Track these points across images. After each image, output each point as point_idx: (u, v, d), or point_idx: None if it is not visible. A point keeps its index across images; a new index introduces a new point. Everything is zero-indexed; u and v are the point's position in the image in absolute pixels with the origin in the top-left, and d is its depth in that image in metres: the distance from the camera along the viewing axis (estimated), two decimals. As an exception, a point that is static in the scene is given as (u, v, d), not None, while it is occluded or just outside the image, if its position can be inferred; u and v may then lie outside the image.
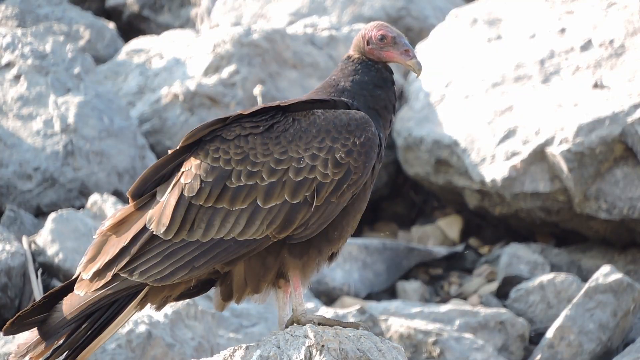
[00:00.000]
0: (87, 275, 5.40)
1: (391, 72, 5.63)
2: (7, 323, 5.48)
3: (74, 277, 5.51)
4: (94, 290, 5.35)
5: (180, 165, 5.48)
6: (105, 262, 5.38)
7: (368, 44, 5.58)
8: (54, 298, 5.47)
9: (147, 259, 5.34)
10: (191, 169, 5.41)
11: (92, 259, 5.44)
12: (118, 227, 5.46)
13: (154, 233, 5.36)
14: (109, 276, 5.34)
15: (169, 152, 5.56)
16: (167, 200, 5.39)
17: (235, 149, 5.40)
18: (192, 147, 5.49)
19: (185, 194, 5.37)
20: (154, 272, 5.32)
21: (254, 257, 5.37)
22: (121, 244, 5.39)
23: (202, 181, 5.36)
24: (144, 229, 5.38)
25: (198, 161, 5.41)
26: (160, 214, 5.37)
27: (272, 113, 5.50)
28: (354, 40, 5.64)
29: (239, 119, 5.50)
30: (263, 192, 5.33)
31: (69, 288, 5.49)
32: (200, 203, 5.35)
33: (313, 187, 5.32)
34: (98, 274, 5.39)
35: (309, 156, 5.35)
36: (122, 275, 5.35)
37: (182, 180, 5.40)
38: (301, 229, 5.32)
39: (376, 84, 5.57)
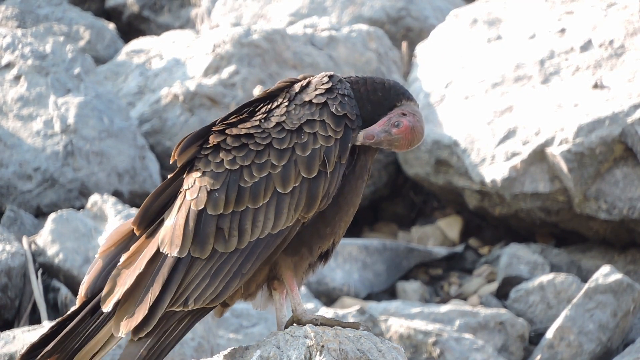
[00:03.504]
0: (107, 308, 5.32)
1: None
2: (19, 356, 5.42)
3: (78, 306, 5.43)
4: (147, 334, 5.26)
5: (179, 186, 5.43)
6: (123, 292, 5.28)
7: (393, 122, 5.41)
8: (62, 326, 5.41)
9: (196, 285, 5.24)
10: (195, 183, 5.35)
11: (109, 293, 5.32)
12: (130, 259, 5.37)
13: (173, 255, 5.27)
14: (144, 309, 5.21)
15: (168, 177, 5.52)
16: (176, 220, 5.30)
17: (234, 142, 5.37)
18: (188, 165, 5.45)
19: (195, 208, 5.31)
20: (208, 293, 5.23)
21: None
22: (136, 271, 5.29)
23: (212, 190, 5.30)
24: (157, 253, 5.28)
25: (200, 173, 5.38)
26: (171, 235, 5.29)
27: (253, 104, 5.50)
28: (410, 106, 5.46)
29: (223, 120, 5.48)
30: (279, 178, 5.30)
31: (75, 315, 5.42)
32: (220, 212, 5.30)
33: (322, 155, 5.30)
34: (122, 309, 5.26)
35: (306, 125, 5.34)
36: (176, 310, 5.28)
37: (187, 197, 5.35)
38: (324, 200, 5.30)
39: (372, 104, 5.49)
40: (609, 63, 11.99)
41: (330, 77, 5.43)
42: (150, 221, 5.43)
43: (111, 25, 15.24)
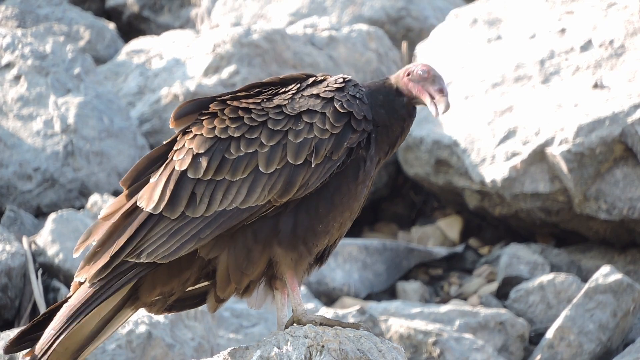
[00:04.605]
0: (77, 254, 5.40)
1: (410, 114, 5.55)
2: (8, 341, 5.45)
3: (71, 293, 5.47)
4: (95, 275, 5.32)
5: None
6: (95, 241, 5.37)
7: (408, 75, 5.54)
8: (53, 313, 5.43)
9: (152, 241, 5.30)
10: (184, 145, 5.39)
11: (83, 242, 5.44)
12: (110, 214, 5.46)
13: (146, 210, 5.32)
14: (106, 257, 5.30)
15: (164, 142, 5.55)
16: (158, 178, 5.37)
17: (231, 113, 5.39)
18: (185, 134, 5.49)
19: (178, 168, 5.35)
20: (161, 250, 5.28)
21: (237, 248, 5.35)
22: (111, 222, 5.39)
23: (197, 154, 5.35)
24: (134, 207, 5.37)
25: (191, 136, 5.40)
26: (150, 191, 5.35)
27: (262, 85, 5.52)
28: (399, 70, 5.59)
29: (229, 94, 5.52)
30: (264, 158, 5.32)
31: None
32: (199, 177, 5.34)
33: (312, 146, 5.31)
34: (91, 255, 5.37)
35: (306, 114, 5.35)
36: (129, 260, 5.33)
37: (174, 157, 5.39)
38: (302, 189, 5.31)
39: (385, 106, 5.53)
40: (609, 63, 11.99)
41: (347, 80, 5.44)
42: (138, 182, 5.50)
43: (111, 25, 15.24)
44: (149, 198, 5.34)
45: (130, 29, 16.01)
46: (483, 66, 12.64)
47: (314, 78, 5.49)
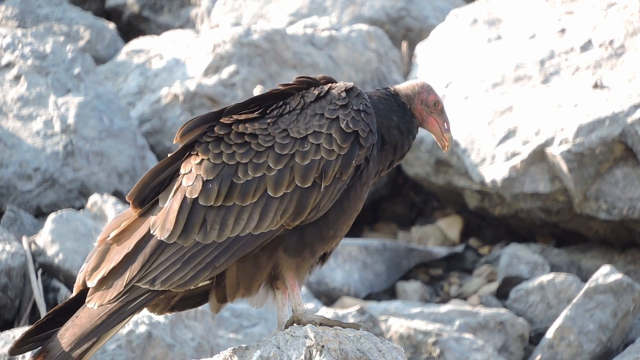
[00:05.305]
0: (92, 283, 5.37)
1: (417, 132, 5.68)
2: (14, 343, 5.45)
3: (75, 294, 5.47)
4: (109, 302, 5.32)
5: (178, 167, 5.47)
6: (109, 269, 5.36)
7: (422, 103, 5.59)
8: (57, 314, 5.44)
9: (165, 268, 5.30)
10: (192, 170, 5.39)
11: (96, 268, 5.41)
12: (121, 235, 5.44)
13: (160, 239, 5.32)
14: (120, 286, 5.31)
15: (168, 155, 5.54)
16: (170, 205, 5.37)
17: (237, 138, 5.39)
18: (190, 147, 5.48)
19: (189, 196, 5.35)
20: (176, 278, 5.29)
21: (245, 257, 5.37)
22: (124, 250, 5.37)
23: (206, 181, 5.36)
24: (148, 234, 5.37)
25: (198, 160, 5.40)
26: (164, 219, 5.34)
27: (266, 103, 5.50)
28: (408, 88, 5.62)
29: (232, 111, 5.49)
30: (272, 181, 5.33)
31: (72, 304, 5.45)
32: (210, 203, 5.34)
33: (320, 168, 5.32)
34: (103, 282, 5.36)
35: (312, 135, 5.36)
36: (142, 286, 5.33)
37: (184, 183, 5.39)
38: (313, 212, 5.32)
39: (400, 127, 5.56)
40: (609, 63, 11.99)
41: (349, 90, 5.44)
42: (145, 197, 5.46)
43: (111, 25, 15.24)
44: (162, 226, 5.34)
45: (130, 29, 16.01)
46: (483, 66, 12.65)
47: (317, 91, 5.47)
